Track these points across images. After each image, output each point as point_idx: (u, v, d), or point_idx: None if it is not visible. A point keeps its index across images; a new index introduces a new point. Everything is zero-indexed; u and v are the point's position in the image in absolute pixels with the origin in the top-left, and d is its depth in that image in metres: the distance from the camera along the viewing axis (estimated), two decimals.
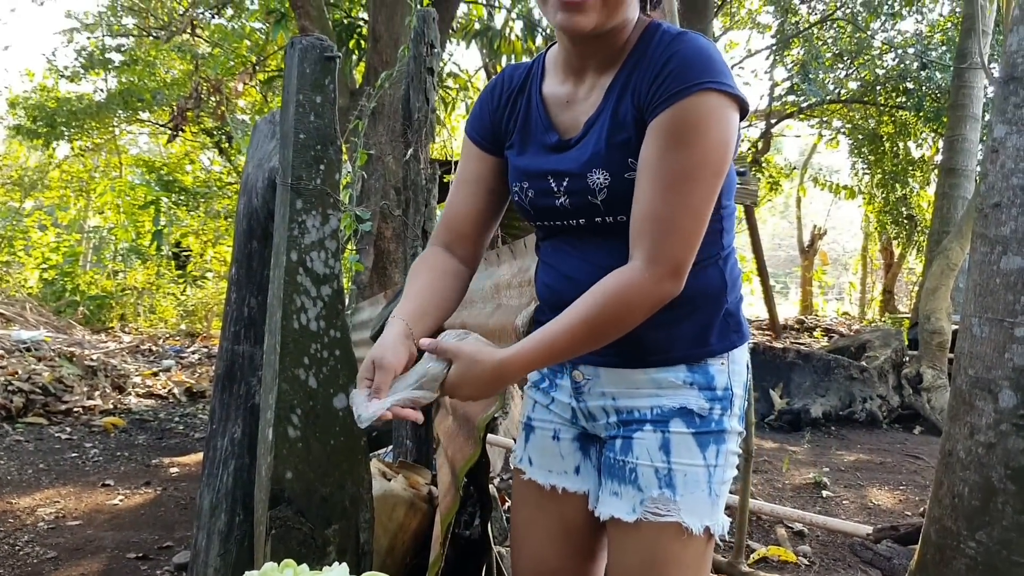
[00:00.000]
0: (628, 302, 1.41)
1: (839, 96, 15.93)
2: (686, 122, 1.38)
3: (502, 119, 1.66)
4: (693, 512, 1.53)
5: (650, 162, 1.41)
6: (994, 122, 1.99)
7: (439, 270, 1.66)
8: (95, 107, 14.92)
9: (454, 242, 1.70)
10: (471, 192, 1.70)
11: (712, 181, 1.41)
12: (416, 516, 2.40)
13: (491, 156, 1.69)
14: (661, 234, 1.40)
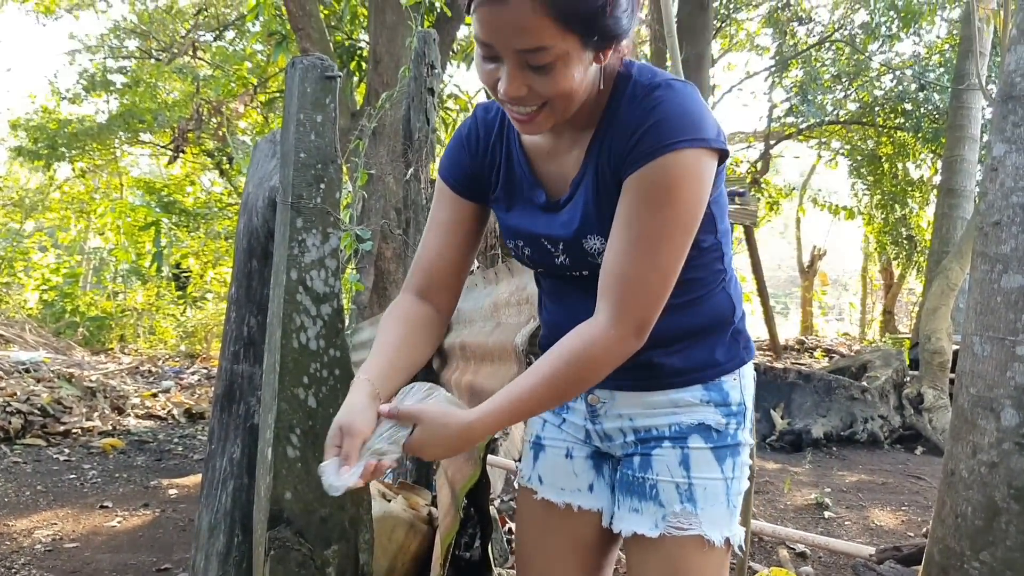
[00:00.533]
0: (592, 361, 1.42)
1: (838, 117, 16.00)
2: (658, 183, 1.37)
3: (481, 169, 1.62)
4: (714, 524, 1.57)
5: (622, 219, 1.41)
6: (993, 141, 1.99)
7: (411, 323, 1.62)
8: (96, 129, 14.97)
9: (429, 288, 1.66)
10: (447, 237, 1.66)
11: (683, 240, 1.42)
12: (416, 537, 2.39)
13: (469, 202, 1.64)
14: (628, 293, 1.41)
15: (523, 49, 1.30)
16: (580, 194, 1.49)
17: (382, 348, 1.56)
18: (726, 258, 1.60)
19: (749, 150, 18.30)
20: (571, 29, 1.28)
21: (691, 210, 1.40)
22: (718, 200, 1.51)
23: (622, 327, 1.41)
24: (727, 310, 1.62)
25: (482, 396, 2.50)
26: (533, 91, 1.34)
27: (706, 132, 1.37)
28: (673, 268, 1.42)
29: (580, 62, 1.33)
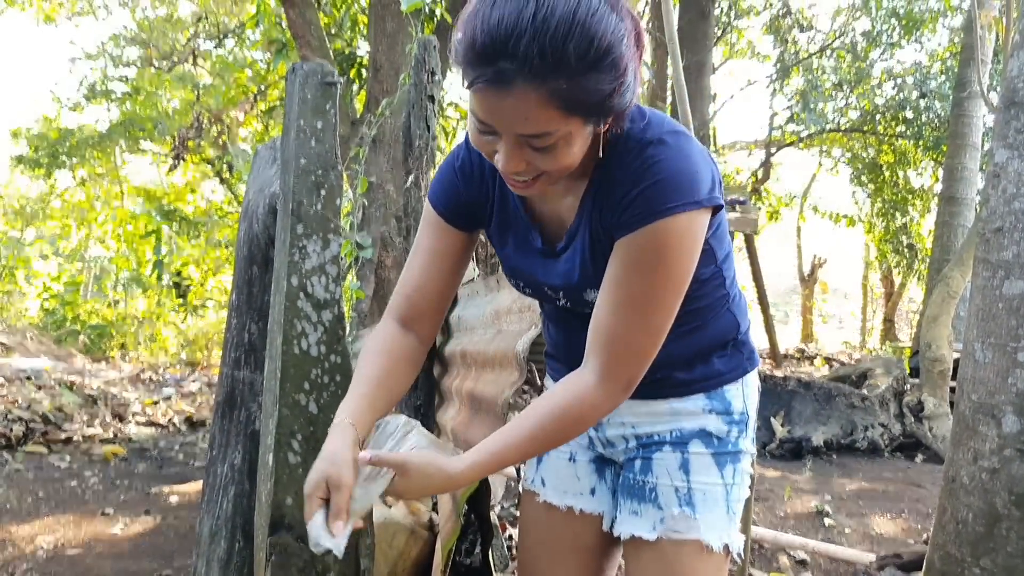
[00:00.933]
0: (579, 417, 1.44)
1: (839, 125, 16.01)
2: (649, 249, 1.36)
3: (475, 201, 1.58)
4: (712, 529, 1.57)
5: (613, 279, 1.41)
6: (995, 147, 2.00)
7: (392, 355, 1.58)
8: (97, 137, 15.00)
9: (411, 317, 1.62)
10: (433, 265, 1.61)
11: (675, 300, 1.42)
12: (417, 544, 2.39)
13: (458, 230, 1.60)
14: (617, 352, 1.42)
15: (524, 134, 1.27)
16: (577, 247, 1.48)
17: (363, 381, 1.53)
18: (728, 281, 1.61)
19: (750, 158, 18.31)
20: (576, 114, 1.25)
21: (683, 272, 1.40)
22: (715, 233, 1.50)
23: (610, 385, 1.42)
24: (731, 328, 1.64)
25: (482, 403, 2.51)
26: (532, 166, 1.32)
27: (698, 192, 1.35)
28: (663, 327, 1.42)
29: (582, 138, 1.31)
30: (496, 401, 2.32)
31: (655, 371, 1.53)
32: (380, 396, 1.52)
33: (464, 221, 1.59)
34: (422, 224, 1.65)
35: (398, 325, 1.62)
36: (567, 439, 1.50)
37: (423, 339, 1.63)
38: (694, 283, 1.47)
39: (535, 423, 1.43)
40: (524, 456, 1.48)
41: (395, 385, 1.57)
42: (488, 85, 1.22)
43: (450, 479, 1.41)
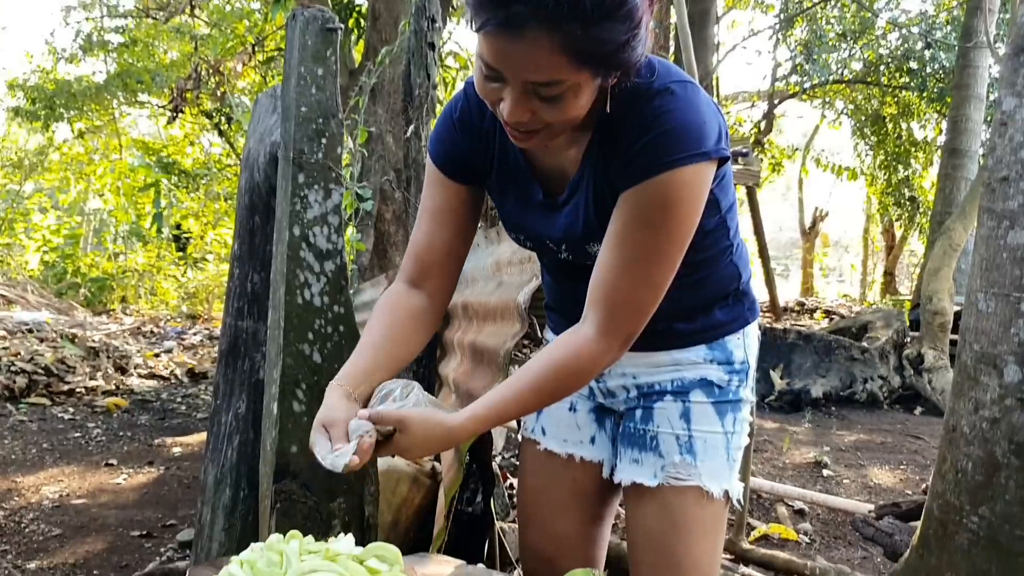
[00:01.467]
0: (578, 371, 1.43)
1: (842, 76, 15.86)
2: (655, 202, 1.34)
3: (474, 153, 1.55)
4: (713, 477, 1.60)
5: (616, 233, 1.39)
6: (1003, 95, 1.97)
7: (399, 317, 1.56)
8: (94, 89, 14.86)
9: (424, 277, 1.60)
10: (440, 224, 1.58)
11: (678, 255, 1.40)
12: (420, 491, 2.41)
13: (462, 185, 1.57)
14: (618, 307, 1.40)
15: (534, 82, 1.24)
16: (580, 199, 1.46)
17: (362, 348, 1.52)
18: (732, 231, 1.60)
19: (752, 109, 18.18)
20: (587, 65, 1.22)
21: (687, 226, 1.38)
22: (720, 183, 1.49)
23: (609, 339, 1.41)
24: (732, 278, 1.64)
25: (485, 354, 2.51)
26: (537, 117, 1.29)
27: (706, 143, 1.33)
28: (665, 282, 1.41)
29: (590, 90, 1.28)
30: (497, 352, 2.32)
31: (657, 322, 1.53)
32: (380, 358, 1.51)
33: (466, 175, 1.57)
34: (426, 182, 1.63)
35: (406, 285, 1.60)
36: (567, 393, 1.50)
37: (433, 297, 1.61)
38: (698, 234, 1.46)
39: (535, 377, 1.42)
40: (524, 410, 1.49)
41: (399, 345, 1.55)
42: (499, 28, 1.18)
43: (450, 433, 1.41)
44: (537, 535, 1.79)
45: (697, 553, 1.59)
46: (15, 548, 3.52)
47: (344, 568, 1.41)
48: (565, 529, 1.76)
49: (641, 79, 1.33)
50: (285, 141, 1.96)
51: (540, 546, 1.78)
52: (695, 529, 1.59)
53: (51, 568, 3.32)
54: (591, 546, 1.80)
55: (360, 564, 1.46)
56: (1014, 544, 1.82)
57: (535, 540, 1.79)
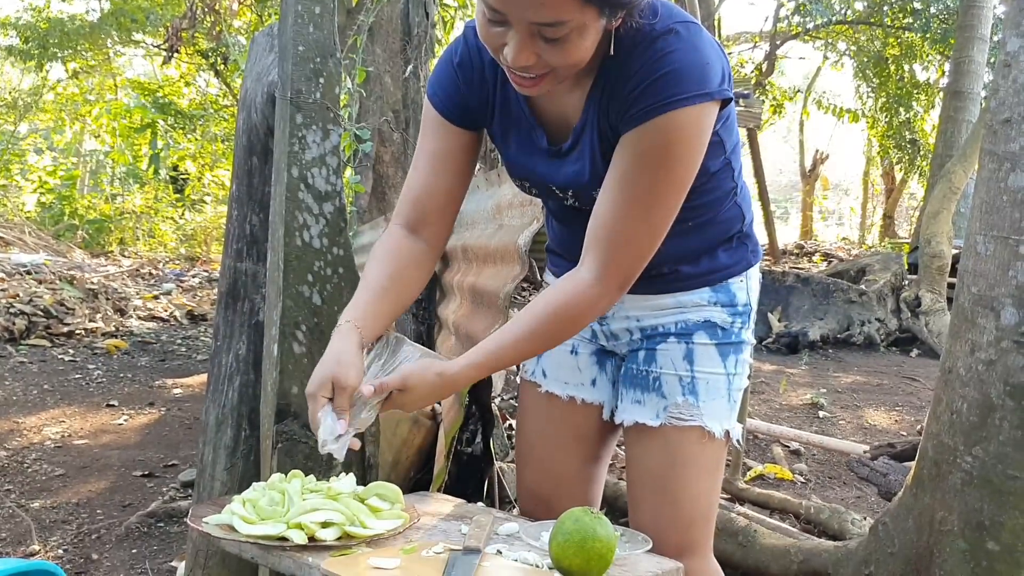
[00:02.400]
0: (576, 316, 1.44)
1: (845, 17, 15.63)
2: (656, 143, 1.33)
3: (476, 99, 1.53)
4: (714, 417, 1.62)
5: (617, 175, 1.38)
6: (1007, 36, 1.95)
7: (400, 260, 1.56)
8: (88, 28, 14.64)
9: (420, 222, 1.59)
10: (438, 168, 1.57)
11: (678, 198, 1.40)
12: (420, 432, 2.43)
13: (461, 129, 1.56)
14: (617, 248, 1.40)
15: (538, 22, 1.22)
16: (585, 145, 1.45)
17: (369, 287, 1.53)
18: (736, 172, 1.59)
19: (754, 51, 17.95)
20: (592, 4, 1.21)
21: (689, 168, 1.38)
22: (725, 124, 1.47)
23: (607, 283, 1.41)
24: (736, 220, 1.64)
25: (485, 296, 2.52)
26: (541, 60, 1.28)
27: (709, 84, 1.32)
28: (665, 225, 1.41)
29: (595, 31, 1.27)
30: (497, 294, 2.32)
31: (662, 265, 1.53)
32: (386, 301, 1.52)
33: (466, 119, 1.55)
34: (423, 124, 1.61)
35: (404, 230, 1.59)
36: (565, 338, 1.52)
37: (432, 243, 1.61)
38: (704, 176, 1.45)
39: (532, 322, 1.43)
40: (522, 356, 1.50)
41: (402, 290, 1.56)
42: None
43: (451, 381, 1.43)
44: (535, 475, 1.81)
45: (696, 491, 1.61)
46: (18, 488, 3.56)
47: (346, 506, 1.44)
48: (563, 469, 1.78)
49: (644, 20, 1.31)
50: (282, 81, 1.94)
51: (538, 486, 1.81)
52: (695, 468, 1.61)
53: (54, 507, 3.37)
54: (588, 485, 1.82)
55: (361, 502, 1.48)
56: (1006, 483, 1.85)
57: (533, 480, 1.82)
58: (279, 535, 1.36)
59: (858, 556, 2.28)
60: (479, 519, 1.53)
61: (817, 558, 2.48)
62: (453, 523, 1.56)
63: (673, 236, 1.45)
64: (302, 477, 1.54)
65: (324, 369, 1.41)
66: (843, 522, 3.09)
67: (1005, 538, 1.85)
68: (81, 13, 15.40)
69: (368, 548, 1.38)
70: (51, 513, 3.31)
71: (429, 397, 1.46)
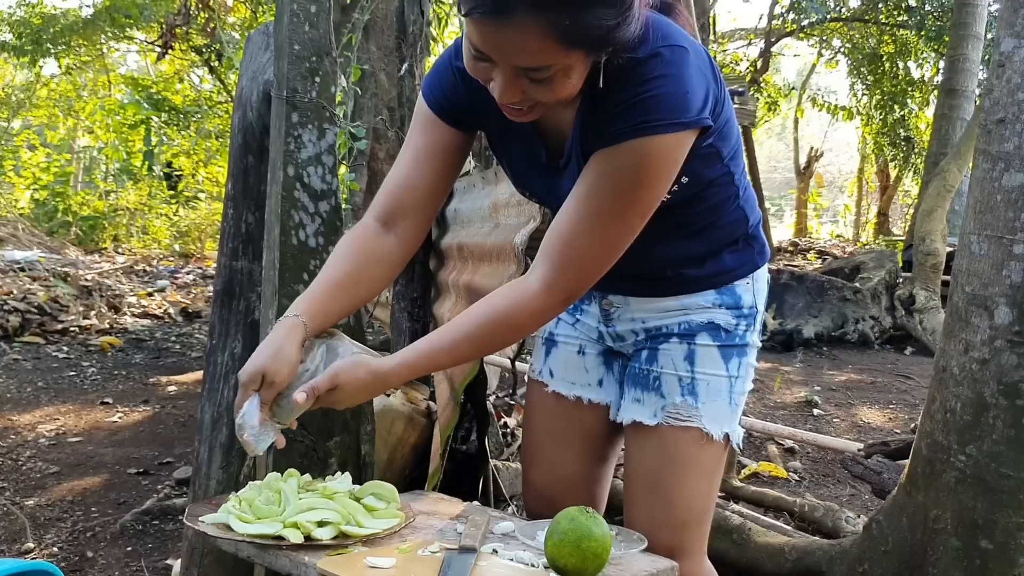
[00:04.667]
0: (517, 324, 1.43)
1: (840, 14, 15.64)
2: (626, 166, 1.33)
3: (474, 103, 1.51)
4: (714, 419, 1.61)
5: (583, 189, 1.37)
6: (1001, 36, 1.95)
7: (363, 256, 1.54)
8: (81, 23, 14.58)
9: (393, 216, 1.56)
10: (422, 163, 1.55)
11: (639, 221, 1.39)
12: (415, 430, 2.43)
13: (452, 128, 1.55)
14: (569, 263, 1.39)
15: (524, 67, 1.23)
16: (574, 163, 1.45)
17: (322, 284, 1.52)
18: (737, 176, 1.58)
19: (749, 48, 17.96)
20: (577, 48, 1.21)
21: (654, 193, 1.37)
22: (721, 132, 1.46)
23: (553, 295, 1.40)
24: (740, 223, 1.63)
25: (481, 294, 2.51)
26: (528, 96, 1.28)
27: (686, 113, 1.30)
28: (622, 246, 1.40)
29: (580, 70, 1.27)
30: None
31: (665, 269, 1.53)
32: (339, 298, 1.51)
33: (459, 120, 1.55)
34: (414, 119, 1.60)
35: (377, 224, 1.57)
36: (502, 345, 1.50)
37: (404, 240, 1.58)
38: (701, 184, 1.45)
39: (472, 326, 1.42)
40: (458, 359, 1.48)
41: (360, 287, 1.55)
42: (486, 15, 1.17)
43: (382, 379, 1.42)
44: (541, 475, 1.81)
45: (691, 492, 1.61)
46: (13, 485, 3.55)
47: (342, 505, 1.44)
48: (569, 469, 1.79)
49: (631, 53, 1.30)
50: (278, 80, 1.94)
51: (543, 485, 1.81)
52: (691, 469, 1.61)
53: (49, 505, 3.37)
54: (594, 486, 1.83)
55: (357, 501, 1.49)
56: (999, 482, 1.86)
57: (539, 480, 1.82)
58: (275, 534, 1.37)
59: (852, 554, 2.28)
60: (475, 518, 1.53)
61: (811, 556, 2.48)
62: (449, 522, 1.56)
63: (676, 241, 1.45)
64: (298, 476, 1.54)
65: (258, 360, 1.41)
66: (837, 520, 3.10)
67: (998, 536, 1.86)
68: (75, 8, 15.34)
69: (364, 547, 1.39)
70: (46, 511, 3.30)
71: (360, 394, 1.45)
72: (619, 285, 1.63)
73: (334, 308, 1.51)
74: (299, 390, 1.39)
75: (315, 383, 1.40)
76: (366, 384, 1.42)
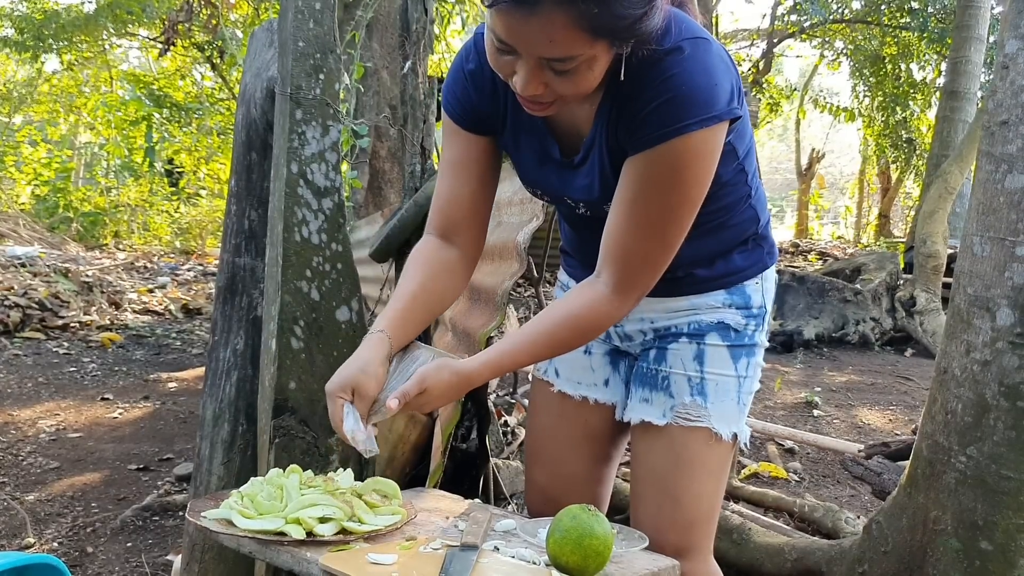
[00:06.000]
0: (592, 325, 1.47)
1: (842, 16, 15.64)
2: (667, 167, 1.34)
3: (489, 107, 1.53)
4: (722, 419, 1.62)
5: (629, 196, 1.39)
6: (1006, 38, 1.95)
7: (432, 269, 1.59)
8: (83, 19, 14.58)
9: (451, 229, 1.61)
10: (461, 176, 1.59)
11: (691, 214, 1.41)
12: (415, 428, 2.43)
13: (479, 136, 1.57)
14: (632, 266, 1.43)
15: (548, 57, 1.23)
16: (595, 159, 1.46)
17: (399, 300, 1.56)
18: (750, 175, 1.59)
19: (751, 48, 17.95)
20: (602, 38, 1.21)
21: (699, 189, 1.39)
22: (737, 131, 1.47)
23: (624, 297, 1.45)
24: (752, 223, 1.64)
25: (482, 293, 2.52)
26: (550, 89, 1.29)
27: (717, 106, 1.31)
28: (678, 240, 1.43)
29: (604, 61, 1.27)
30: (495, 291, 2.33)
31: (676, 269, 1.54)
32: (416, 310, 1.55)
33: (480, 126, 1.56)
34: (444, 134, 1.63)
35: (437, 239, 1.62)
36: (579, 345, 1.55)
37: (465, 249, 1.63)
38: (716, 183, 1.46)
39: (550, 326, 1.46)
40: (537, 358, 1.53)
41: (433, 298, 1.59)
42: (513, 5, 1.17)
43: (467, 379, 1.45)
44: (545, 473, 1.82)
45: (698, 491, 1.61)
46: (13, 480, 3.56)
47: (344, 502, 1.44)
48: (573, 468, 1.79)
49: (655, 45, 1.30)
50: (282, 76, 1.94)
51: (546, 484, 1.81)
52: (699, 468, 1.61)
53: (49, 500, 3.37)
54: (597, 485, 1.83)
55: (359, 498, 1.49)
56: (1000, 483, 1.86)
57: (542, 478, 1.82)
58: (277, 530, 1.37)
59: (852, 555, 2.29)
60: (476, 515, 1.54)
61: (811, 556, 2.48)
62: (450, 519, 1.56)
63: (687, 240, 1.45)
64: (300, 472, 1.54)
65: (347, 373, 1.44)
66: (837, 520, 3.10)
67: (998, 538, 1.86)
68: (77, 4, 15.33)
69: (366, 543, 1.39)
70: (46, 506, 3.31)
71: (447, 396, 1.48)
72: None
73: (413, 319, 1.55)
74: (391, 397, 1.43)
75: (405, 388, 1.43)
76: (452, 385, 1.45)
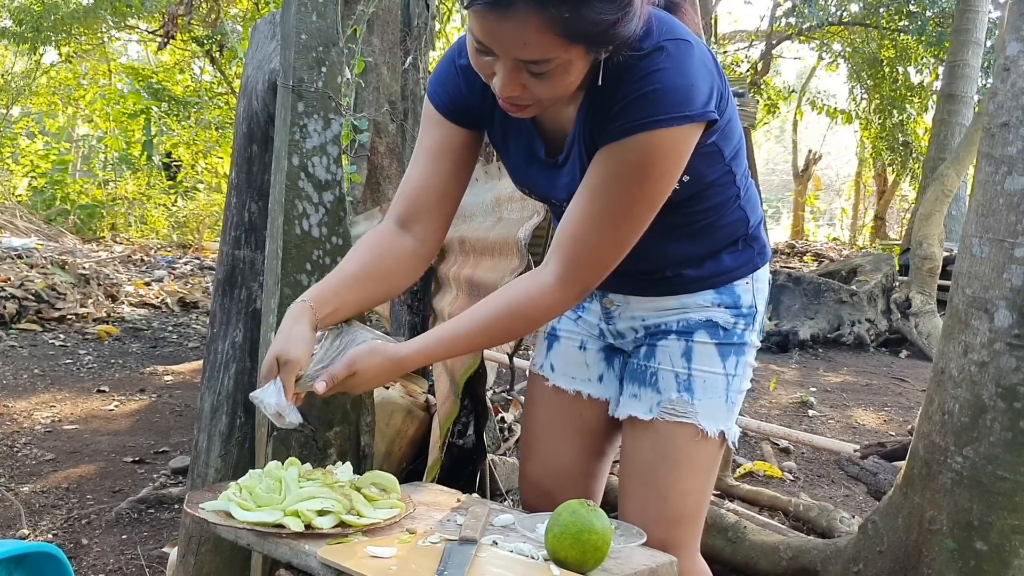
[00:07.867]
0: (533, 316, 1.45)
1: (841, 18, 15.66)
2: (632, 162, 1.34)
3: (480, 103, 1.52)
4: (710, 416, 1.61)
5: (591, 185, 1.39)
6: (1007, 40, 1.96)
7: (380, 254, 1.56)
8: (82, 11, 14.55)
9: (413, 217, 1.58)
10: (434, 164, 1.57)
11: (647, 216, 1.40)
12: (413, 423, 2.44)
13: (459, 127, 1.55)
14: (580, 257, 1.42)
15: (524, 60, 1.24)
16: (575, 158, 1.46)
17: (335, 276, 1.53)
18: (738, 176, 1.59)
19: (750, 49, 17.97)
20: (577, 43, 1.22)
21: (662, 188, 1.38)
22: (723, 131, 1.46)
23: (567, 289, 1.43)
24: (740, 223, 1.63)
25: (482, 289, 2.52)
26: (528, 92, 1.29)
27: (690, 106, 1.31)
28: (632, 239, 1.42)
29: (581, 66, 1.28)
30: (495, 287, 2.32)
31: (665, 269, 1.54)
32: (353, 291, 1.52)
33: (465, 119, 1.55)
34: (423, 121, 1.61)
35: (395, 225, 1.59)
36: (517, 336, 1.55)
37: (423, 241, 1.60)
38: (702, 184, 1.46)
39: (489, 316, 1.45)
40: (473, 347, 1.51)
41: (375, 282, 1.56)
42: (488, 7, 1.18)
43: (399, 364, 1.45)
44: (539, 468, 1.82)
45: (686, 487, 1.62)
46: (8, 472, 3.55)
47: (342, 495, 1.44)
48: (566, 463, 1.79)
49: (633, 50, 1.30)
50: (284, 69, 1.94)
51: (540, 478, 1.82)
52: (686, 464, 1.61)
53: (44, 491, 3.36)
54: (590, 480, 1.83)
55: (358, 491, 1.49)
56: (995, 484, 1.86)
57: (536, 472, 1.83)
58: (276, 522, 1.37)
59: (847, 554, 2.29)
60: (475, 510, 1.54)
61: (806, 555, 2.49)
62: (449, 513, 1.56)
63: (676, 241, 1.45)
64: (299, 465, 1.55)
65: (272, 348, 1.45)
66: (831, 520, 3.11)
67: (993, 538, 1.87)
68: None
69: (365, 537, 1.39)
70: (41, 498, 3.30)
71: (377, 379, 1.47)
72: (619, 285, 1.64)
73: (347, 300, 1.52)
74: (319, 379, 1.42)
75: (333, 370, 1.43)
76: (383, 369, 1.44)
